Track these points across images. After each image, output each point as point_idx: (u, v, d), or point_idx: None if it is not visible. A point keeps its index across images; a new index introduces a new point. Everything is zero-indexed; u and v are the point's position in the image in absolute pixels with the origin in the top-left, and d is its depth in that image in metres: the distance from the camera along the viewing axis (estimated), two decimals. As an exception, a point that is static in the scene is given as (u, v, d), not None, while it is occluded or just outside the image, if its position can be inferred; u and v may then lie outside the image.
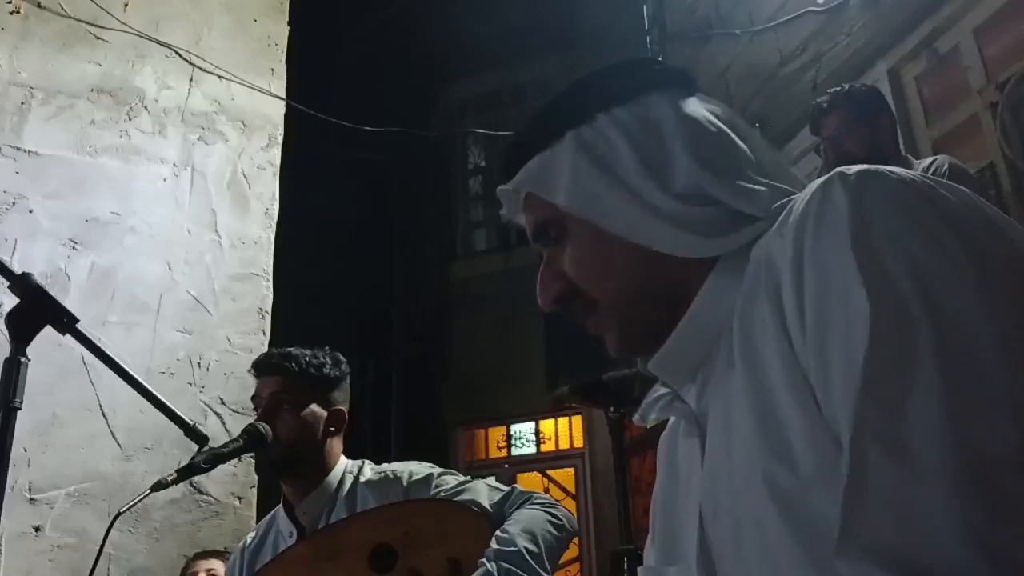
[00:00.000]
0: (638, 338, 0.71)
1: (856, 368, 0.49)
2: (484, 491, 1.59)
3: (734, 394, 0.61)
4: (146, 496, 1.35)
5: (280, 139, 3.47)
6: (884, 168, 0.56)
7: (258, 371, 1.64)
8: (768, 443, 0.56)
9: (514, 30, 6.41)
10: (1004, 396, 0.44)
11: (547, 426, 6.63)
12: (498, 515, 1.54)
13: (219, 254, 3.13)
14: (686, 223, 0.66)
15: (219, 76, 3.38)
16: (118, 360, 1.17)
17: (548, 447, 6.62)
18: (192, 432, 1.22)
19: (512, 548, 1.41)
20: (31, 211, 2.78)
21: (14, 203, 2.76)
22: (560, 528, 1.54)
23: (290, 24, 3.71)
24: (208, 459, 1.39)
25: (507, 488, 1.62)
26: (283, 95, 3.56)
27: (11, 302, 1.11)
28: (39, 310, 1.11)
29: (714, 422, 0.65)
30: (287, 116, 3.55)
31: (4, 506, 0.99)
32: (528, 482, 6.23)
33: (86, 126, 3.00)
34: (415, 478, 1.62)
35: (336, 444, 1.68)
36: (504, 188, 0.77)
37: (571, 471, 6.37)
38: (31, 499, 2.50)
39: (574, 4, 6.30)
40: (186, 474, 1.38)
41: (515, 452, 6.71)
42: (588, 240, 0.71)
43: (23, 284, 1.11)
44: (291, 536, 1.61)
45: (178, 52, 3.31)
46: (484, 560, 1.40)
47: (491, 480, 1.72)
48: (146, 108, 3.16)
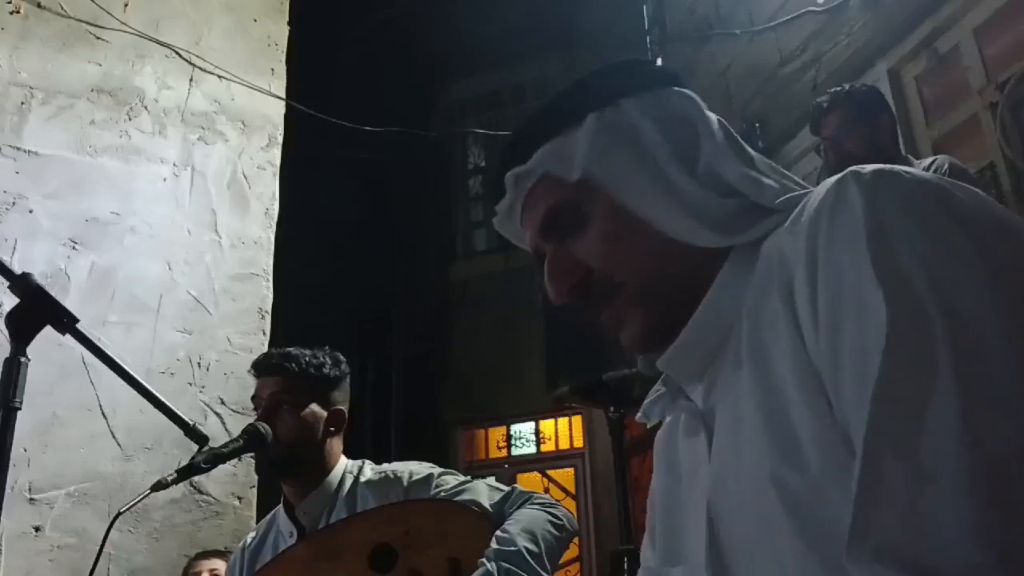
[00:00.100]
0: (656, 329, 0.69)
1: (872, 369, 0.48)
2: (484, 491, 1.59)
3: (742, 394, 0.60)
4: (146, 496, 1.35)
5: (280, 139, 3.47)
6: (898, 168, 0.56)
7: (258, 371, 1.64)
8: (776, 443, 0.55)
9: (514, 30, 6.41)
10: (1016, 398, 0.44)
11: (547, 426, 6.63)
12: (498, 515, 1.54)
13: (219, 254, 3.13)
14: (707, 212, 0.66)
15: (219, 76, 3.38)
16: (118, 360, 1.17)
17: (548, 447, 6.62)
18: (192, 432, 1.22)
19: (512, 548, 1.41)
20: (31, 211, 2.78)
21: (14, 203, 2.76)
22: (560, 528, 1.54)
23: (290, 24, 3.71)
24: (208, 459, 1.39)
25: (507, 488, 1.62)
26: (283, 95, 3.55)
27: (11, 302, 1.11)
28: (39, 310, 1.11)
29: (722, 421, 0.64)
30: (287, 116, 3.55)
31: (4, 506, 0.99)
32: (528, 482, 6.23)
33: (86, 126, 3.00)
34: (415, 478, 1.62)
35: (336, 444, 1.68)
36: (520, 170, 0.73)
37: (571, 471, 6.37)
38: (31, 499, 2.50)
39: (574, 4, 6.30)
40: (186, 474, 1.39)
41: (515, 452, 6.71)
42: (612, 220, 0.69)
43: (23, 284, 1.11)
44: (291, 536, 1.61)
45: (178, 52, 3.30)
46: (484, 560, 1.40)
47: (491, 480, 1.72)
48: (146, 108, 3.16)
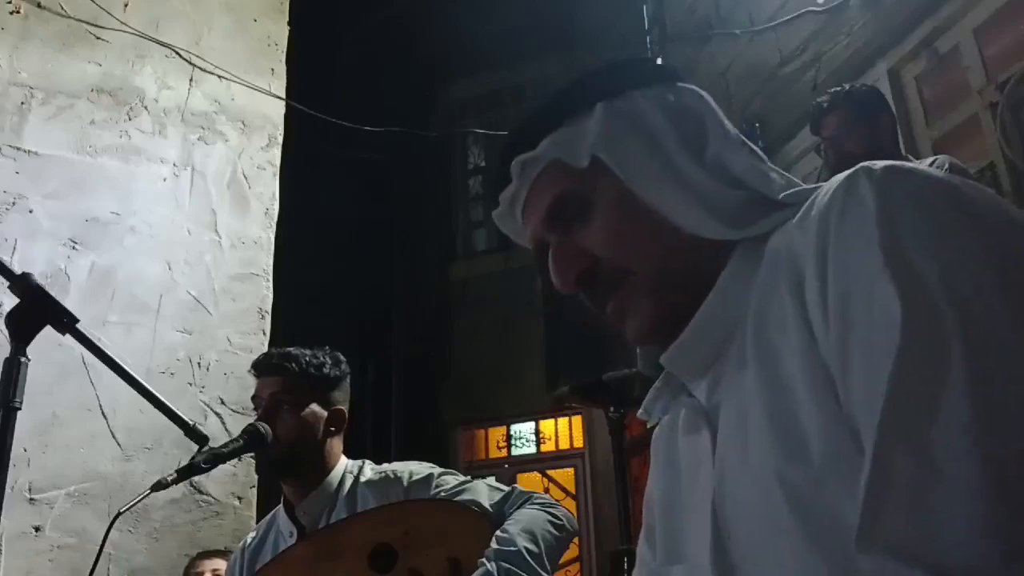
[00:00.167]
0: (663, 321, 0.69)
1: (883, 364, 0.48)
2: (484, 491, 1.59)
3: (748, 391, 0.60)
4: (146, 496, 1.35)
5: (280, 139, 3.47)
6: (909, 164, 0.56)
7: (258, 371, 1.64)
8: (782, 441, 0.55)
9: (514, 30, 6.41)
10: None
11: (547, 426, 6.63)
12: (498, 515, 1.54)
13: (219, 254, 3.13)
14: (716, 203, 0.66)
15: (219, 76, 3.38)
16: (118, 360, 1.17)
17: (548, 447, 6.62)
18: (192, 432, 1.22)
19: (512, 548, 1.41)
20: (31, 211, 2.78)
21: (14, 203, 2.76)
22: (560, 528, 1.54)
23: (290, 24, 3.71)
24: (208, 459, 1.39)
25: (507, 488, 1.62)
26: (283, 95, 3.55)
27: (11, 302, 1.11)
28: (39, 310, 1.11)
29: (726, 418, 0.64)
30: (287, 116, 3.55)
31: (4, 506, 0.99)
32: (528, 482, 6.23)
33: (86, 126, 3.00)
34: (415, 478, 1.62)
35: (336, 444, 1.68)
36: (527, 156, 0.72)
37: (571, 471, 6.37)
38: (31, 499, 2.50)
39: (574, 4, 6.30)
40: (186, 474, 1.39)
41: (515, 452, 6.71)
42: (621, 208, 0.69)
43: (23, 284, 1.10)
44: (291, 536, 1.61)
45: (178, 52, 3.30)
46: (484, 560, 1.40)
47: (491, 480, 1.72)
48: (146, 108, 3.16)
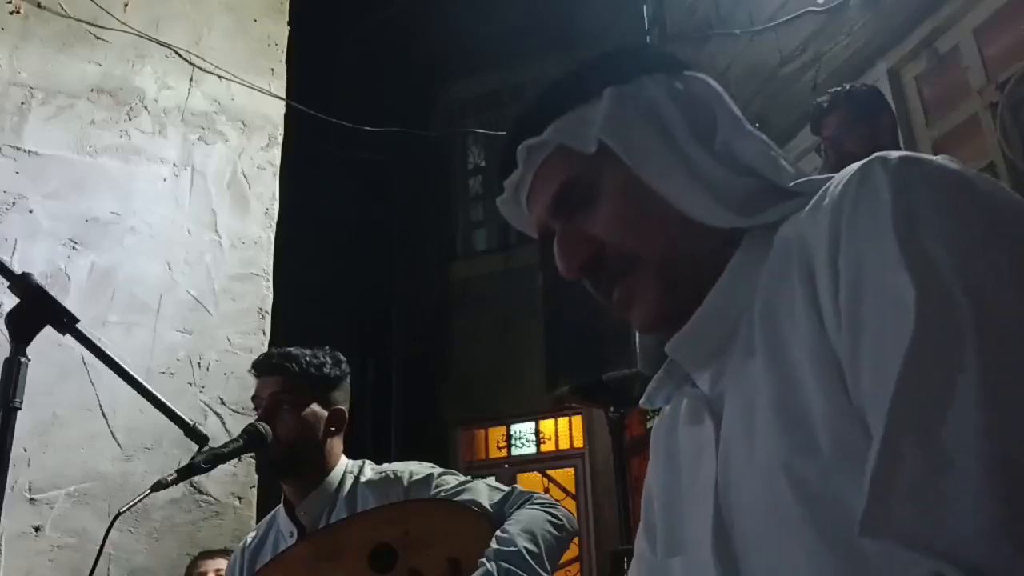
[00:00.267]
0: (670, 309, 0.68)
1: (895, 352, 0.48)
2: (484, 491, 1.59)
3: (755, 382, 0.60)
4: (146, 496, 1.35)
5: (280, 139, 3.47)
6: (924, 155, 0.56)
7: (258, 371, 1.65)
8: (789, 432, 0.55)
9: (514, 30, 6.41)
10: None
11: (547, 426, 6.63)
12: (498, 515, 1.54)
13: (219, 254, 3.13)
14: (725, 190, 0.66)
15: (219, 76, 3.38)
16: (118, 360, 1.17)
17: (548, 447, 6.62)
18: (192, 432, 1.22)
19: (512, 548, 1.41)
20: (31, 211, 2.78)
21: (14, 203, 2.76)
22: (560, 528, 1.54)
23: (290, 24, 3.71)
24: (208, 459, 1.39)
25: (507, 488, 1.62)
26: (283, 95, 3.55)
27: (11, 302, 1.11)
28: (39, 310, 1.11)
29: (731, 408, 0.63)
30: (287, 116, 3.55)
31: (4, 506, 0.99)
32: (528, 482, 6.23)
33: (86, 126, 3.00)
34: (415, 478, 1.62)
35: (336, 444, 1.68)
36: (533, 141, 0.71)
37: (571, 471, 6.37)
38: (31, 499, 2.50)
39: (574, 4, 6.29)
40: (186, 474, 1.39)
41: (515, 452, 6.71)
42: (629, 194, 0.68)
43: (23, 284, 1.10)
44: (291, 536, 1.61)
45: (178, 52, 3.30)
46: (484, 560, 1.40)
47: (491, 480, 1.72)
48: (146, 108, 3.16)
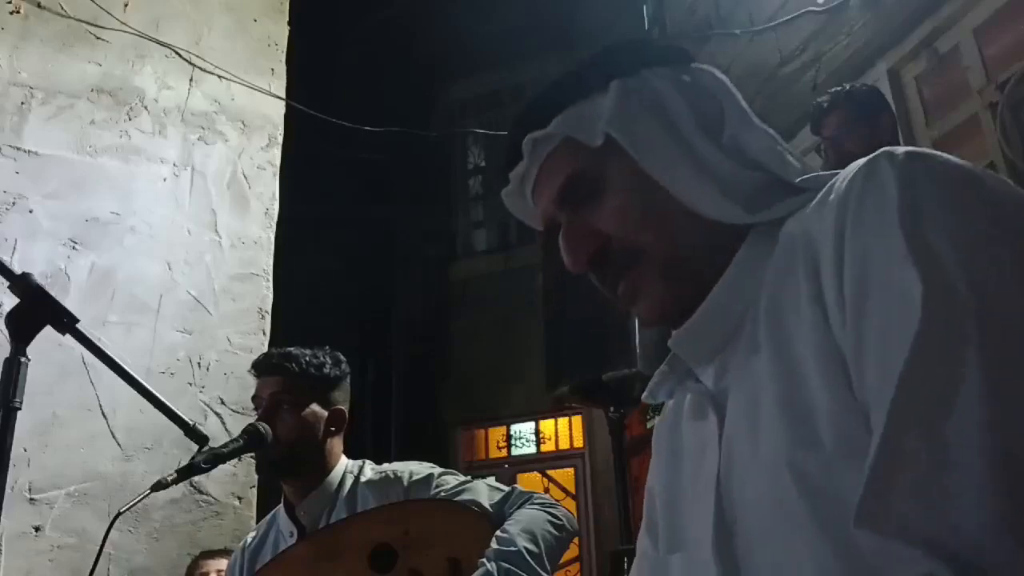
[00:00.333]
0: (675, 302, 0.68)
1: (899, 347, 0.48)
2: (484, 491, 1.59)
3: (760, 378, 0.59)
4: (146, 496, 1.34)
5: (280, 139, 3.47)
6: (930, 151, 0.56)
7: (258, 371, 1.65)
8: (793, 427, 0.55)
9: (514, 30, 6.41)
10: None
11: (547, 426, 6.63)
12: (498, 515, 1.54)
13: (219, 254, 3.13)
14: (732, 185, 0.65)
15: (219, 76, 3.38)
16: (118, 360, 1.17)
17: (548, 447, 6.62)
18: (192, 432, 1.21)
19: (512, 548, 1.41)
20: (31, 211, 2.78)
21: (14, 203, 2.76)
22: (560, 528, 1.54)
23: (290, 24, 3.71)
24: (208, 459, 1.39)
25: (507, 488, 1.62)
26: (283, 95, 3.55)
27: (11, 302, 1.11)
28: (39, 310, 1.11)
29: (735, 404, 0.63)
30: (287, 116, 3.55)
31: (4, 506, 0.99)
32: (528, 482, 6.23)
33: (86, 126, 3.00)
34: (415, 478, 1.62)
35: (336, 444, 1.67)
36: (539, 134, 0.71)
37: (571, 471, 6.37)
38: (31, 499, 2.50)
39: (574, 4, 6.29)
40: (186, 474, 1.39)
41: (515, 452, 6.71)
42: (631, 186, 0.68)
43: (23, 284, 1.10)
44: (291, 536, 1.61)
45: (178, 52, 3.30)
46: (484, 560, 1.40)
47: (491, 480, 1.72)
48: (146, 108, 3.16)
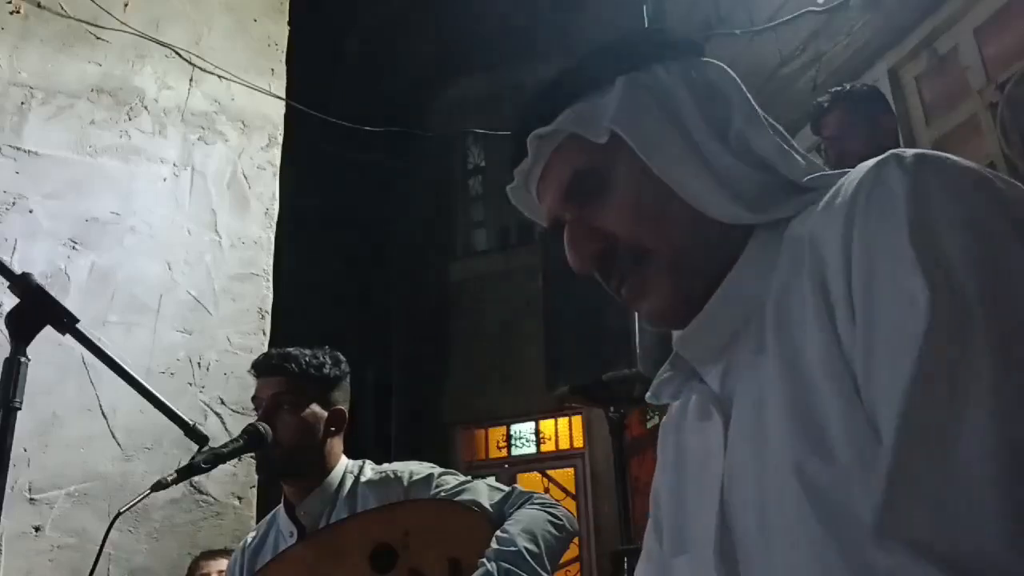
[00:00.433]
0: (681, 302, 0.67)
1: (908, 356, 0.47)
2: (484, 491, 1.59)
3: (766, 380, 0.58)
4: (146, 496, 1.34)
5: (280, 139, 3.47)
6: (940, 153, 0.55)
7: (258, 371, 1.64)
8: (801, 432, 0.54)
9: (514, 30, 6.41)
10: None
11: (547, 426, 6.63)
12: (498, 515, 1.54)
13: (219, 254, 3.13)
14: (738, 184, 0.64)
15: (219, 76, 3.38)
16: (118, 360, 1.16)
17: (548, 447, 6.62)
18: (192, 432, 1.21)
19: (512, 548, 1.41)
20: (31, 211, 2.78)
21: (14, 203, 2.76)
22: (560, 528, 1.53)
23: (290, 24, 3.71)
24: (208, 459, 1.39)
25: (507, 488, 1.62)
26: (283, 95, 3.55)
27: (11, 302, 1.11)
28: (39, 310, 1.11)
29: (740, 406, 0.62)
30: (287, 116, 3.55)
31: (4, 506, 0.99)
32: (528, 482, 6.23)
33: (86, 126, 3.00)
34: (415, 478, 1.62)
35: (336, 444, 1.67)
36: (544, 131, 0.69)
37: (571, 471, 6.37)
38: (31, 499, 2.50)
39: (574, 4, 6.29)
40: (186, 474, 1.38)
41: (515, 452, 6.71)
42: (636, 185, 0.66)
43: (23, 284, 1.10)
44: (291, 536, 1.61)
45: (178, 52, 3.30)
46: (484, 560, 1.40)
47: (491, 480, 1.72)
48: (146, 108, 3.16)
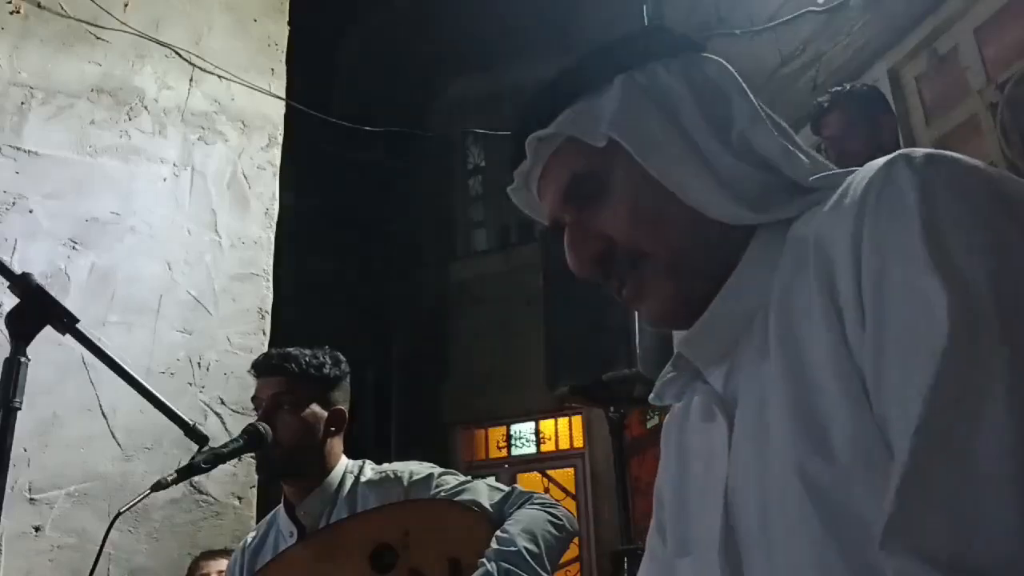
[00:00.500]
0: (681, 305, 0.66)
1: (926, 365, 0.46)
2: (484, 491, 1.59)
3: (769, 383, 0.58)
4: (146, 496, 1.34)
5: (280, 139, 3.47)
6: (950, 153, 0.54)
7: (258, 372, 1.64)
8: (806, 433, 0.53)
9: (514, 30, 6.41)
10: None
11: (547, 426, 6.63)
12: (498, 515, 1.54)
13: (219, 254, 3.13)
14: (739, 185, 0.63)
15: (219, 76, 3.38)
16: (118, 360, 1.16)
17: (548, 447, 6.62)
18: (192, 432, 1.21)
19: (512, 548, 1.41)
20: (31, 211, 2.78)
21: (14, 203, 2.76)
22: (560, 528, 1.53)
23: (290, 24, 3.71)
24: (208, 459, 1.39)
25: (507, 488, 1.62)
26: (283, 95, 3.55)
27: (11, 302, 1.11)
28: (39, 310, 1.11)
29: (744, 407, 0.61)
30: (287, 116, 3.55)
31: (4, 506, 0.99)
32: (528, 482, 6.23)
33: (86, 126, 3.00)
34: (415, 478, 1.62)
35: (336, 444, 1.67)
36: (542, 133, 0.69)
37: (571, 471, 6.37)
38: (31, 499, 2.50)
39: (574, 4, 6.29)
40: (186, 474, 1.38)
41: (515, 452, 6.71)
42: (635, 188, 0.65)
43: (23, 284, 1.10)
44: (291, 536, 1.61)
45: (178, 52, 3.30)
46: (484, 560, 1.40)
47: (491, 480, 1.72)
48: (146, 108, 3.16)
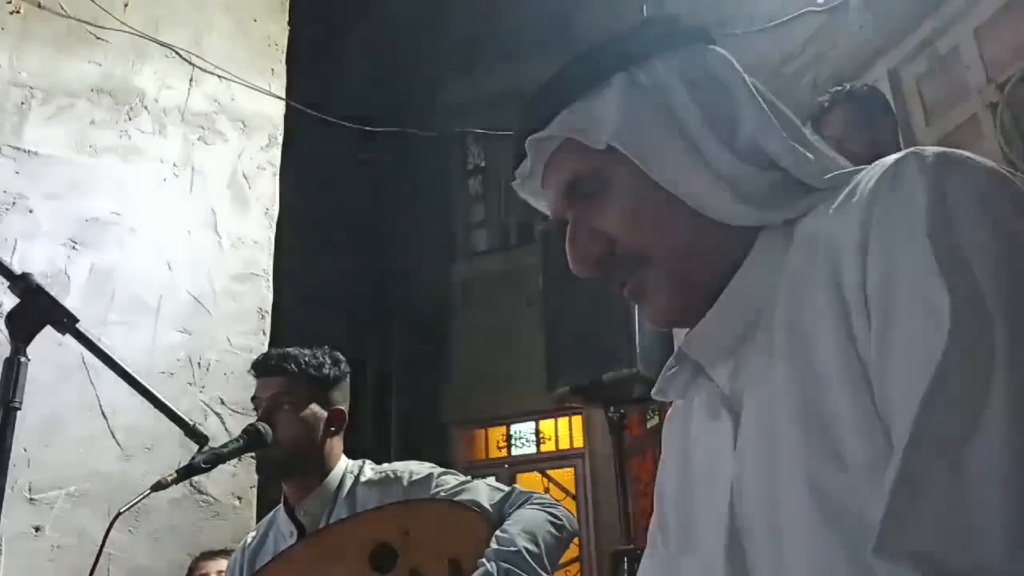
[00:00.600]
0: (682, 305, 0.65)
1: (924, 361, 0.46)
2: (484, 491, 1.59)
3: (777, 381, 0.57)
4: (146, 496, 1.34)
5: (280, 139, 3.47)
6: (960, 152, 0.53)
7: (258, 372, 1.65)
8: (813, 434, 0.53)
9: (514, 30, 6.41)
10: None
11: (547, 426, 6.63)
12: (498, 515, 1.54)
13: (219, 254, 3.13)
14: (744, 186, 0.61)
15: (219, 76, 3.38)
16: (118, 360, 1.16)
17: (548, 447, 6.62)
18: (192, 432, 1.21)
19: (512, 548, 1.41)
20: (31, 211, 2.78)
21: (14, 203, 2.76)
22: (560, 528, 1.53)
23: (290, 24, 3.71)
24: (208, 459, 1.39)
25: (507, 488, 1.62)
26: (283, 95, 3.55)
27: (11, 302, 1.11)
28: (39, 310, 1.11)
29: (750, 406, 0.61)
30: (287, 116, 3.55)
31: (4, 506, 0.99)
32: (528, 482, 6.23)
33: (86, 126, 3.00)
34: (415, 478, 1.62)
35: (336, 444, 1.67)
36: (541, 135, 0.67)
37: (571, 471, 6.37)
38: (31, 499, 2.50)
39: (574, 4, 6.29)
40: (186, 474, 1.38)
41: (515, 452, 6.71)
42: (636, 190, 0.64)
43: (23, 284, 1.10)
44: (291, 536, 1.61)
45: (178, 52, 3.30)
46: (484, 560, 1.40)
47: (491, 480, 1.72)
48: (146, 108, 3.16)
